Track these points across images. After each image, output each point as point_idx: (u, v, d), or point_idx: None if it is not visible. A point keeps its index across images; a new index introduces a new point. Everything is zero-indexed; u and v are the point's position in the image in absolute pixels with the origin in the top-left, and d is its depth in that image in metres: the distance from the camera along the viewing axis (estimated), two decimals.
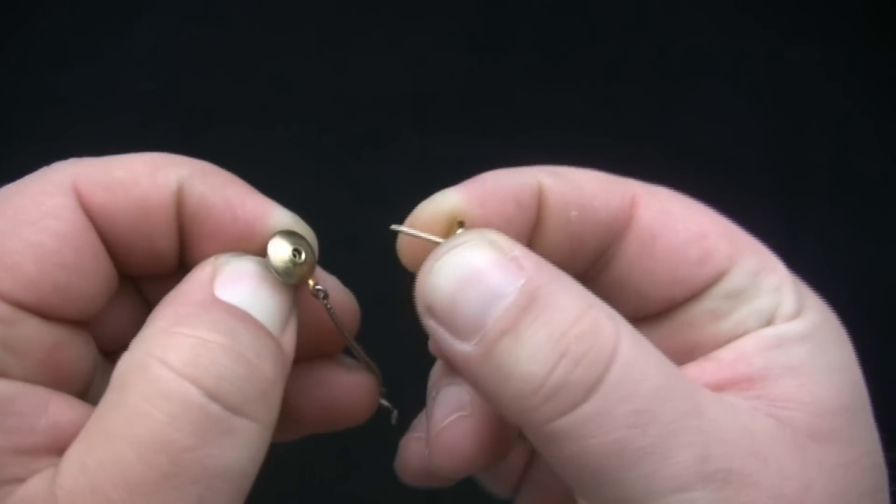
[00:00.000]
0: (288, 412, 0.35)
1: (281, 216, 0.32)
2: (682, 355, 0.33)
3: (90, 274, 0.30)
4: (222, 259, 0.31)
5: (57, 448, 0.28)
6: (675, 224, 0.33)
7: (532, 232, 0.33)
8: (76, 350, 0.31)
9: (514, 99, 0.83)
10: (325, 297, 0.33)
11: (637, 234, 0.33)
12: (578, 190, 0.33)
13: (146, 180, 0.31)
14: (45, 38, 0.82)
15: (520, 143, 0.81)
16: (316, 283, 0.33)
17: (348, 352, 0.37)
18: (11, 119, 0.81)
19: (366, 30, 0.83)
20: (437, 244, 0.31)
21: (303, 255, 0.32)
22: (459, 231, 0.31)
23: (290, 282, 0.31)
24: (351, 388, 0.36)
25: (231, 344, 0.27)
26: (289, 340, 0.31)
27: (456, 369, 0.30)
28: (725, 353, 0.32)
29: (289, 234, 0.32)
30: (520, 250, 0.29)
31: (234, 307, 0.29)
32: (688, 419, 0.27)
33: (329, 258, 0.35)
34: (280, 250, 0.31)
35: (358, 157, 0.82)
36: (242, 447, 0.27)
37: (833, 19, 0.83)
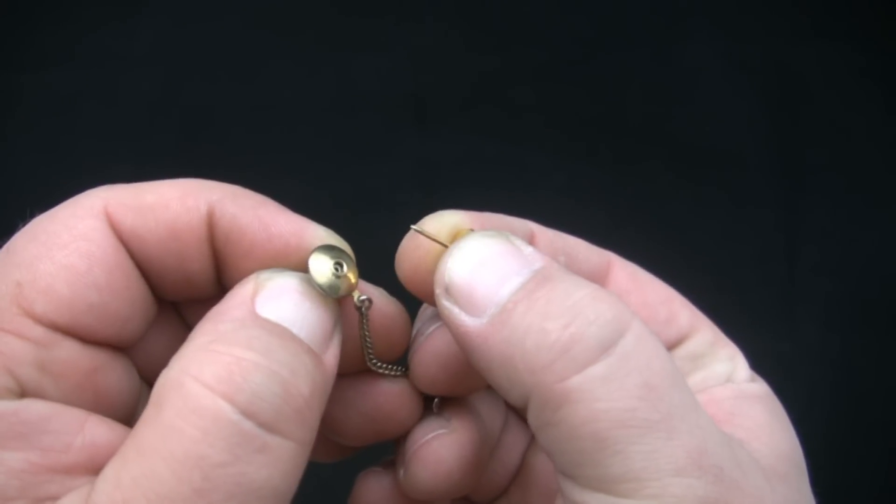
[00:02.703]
0: (333, 428, 0.35)
1: (317, 231, 0.32)
2: None
3: (124, 294, 0.31)
4: (264, 275, 0.31)
5: (94, 467, 0.28)
6: (644, 287, 0.36)
7: None
8: (116, 376, 0.31)
9: (514, 99, 0.83)
10: (369, 307, 0.33)
11: (613, 290, 0.36)
12: (565, 241, 0.36)
13: (176, 204, 0.31)
14: (45, 38, 0.82)
15: (520, 143, 0.81)
16: (360, 295, 0.33)
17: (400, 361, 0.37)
18: (11, 119, 0.81)
19: (366, 30, 0.83)
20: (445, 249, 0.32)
21: (344, 268, 0.32)
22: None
23: (334, 295, 0.31)
24: (392, 396, 0.35)
25: (265, 361, 0.27)
26: (332, 356, 0.31)
27: (464, 349, 0.31)
28: (698, 397, 0.34)
29: (329, 249, 0.32)
30: (533, 249, 0.31)
31: (273, 323, 0.29)
32: (690, 410, 0.28)
33: None
34: (321, 264, 0.31)
35: (358, 157, 0.82)
36: (276, 465, 0.27)
37: (833, 19, 0.83)
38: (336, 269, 0.31)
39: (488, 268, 0.30)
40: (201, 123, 0.81)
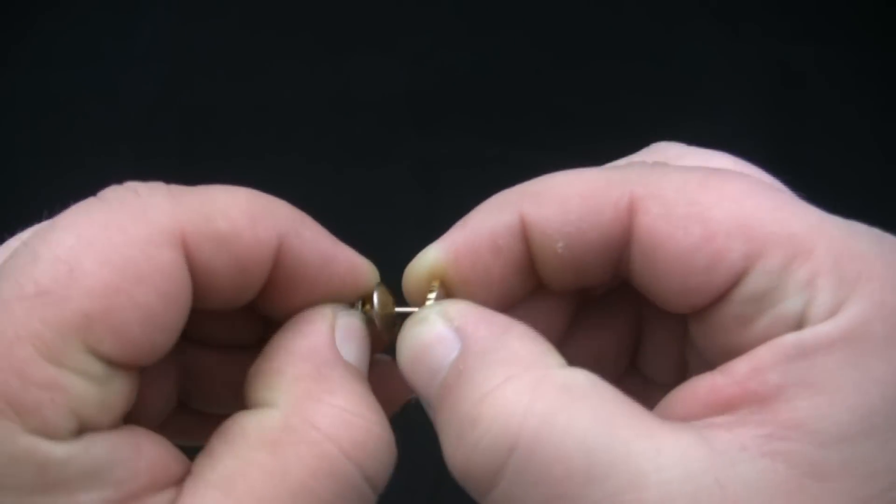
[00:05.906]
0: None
1: (367, 268, 0.33)
2: (726, 355, 0.29)
3: (177, 330, 0.29)
4: (333, 312, 0.32)
5: (155, 485, 0.28)
6: (676, 230, 0.29)
7: (527, 266, 0.33)
8: (136, 391, 0.30)
9: (514, 99, 0.83)
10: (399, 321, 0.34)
11: (638, 244, 0.30)
12: (563, 216, 0.31)
13: (248, 234, 0.30)
14: (44, 39, 0.82)
15: (520, 143, 0.81)
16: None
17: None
18: (11, 119, 0.81)
19: (365, 30, 0.83)
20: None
21: (392, 305, 0.33)
22: (431, 296, 0.32)
23: (392, 334, 0.32)
24: None
25: (384, 426, 0.29)
26: None
27: None
28: (740, 366, 0.28)
29: (379, 287, 0.33)
30: (465, 319, 0.30)
31: (362, 374, 0.31)
32: (621, 495, 0.25)
33: None
34: (384, 307, 0.32)
35: (358, 157, 0.82)
36: None
37: (832, 19, 0.83)
38: (390, 308, 0.33)
39: (418, 368, 0.30)
40: (201, 124, 0.81)
